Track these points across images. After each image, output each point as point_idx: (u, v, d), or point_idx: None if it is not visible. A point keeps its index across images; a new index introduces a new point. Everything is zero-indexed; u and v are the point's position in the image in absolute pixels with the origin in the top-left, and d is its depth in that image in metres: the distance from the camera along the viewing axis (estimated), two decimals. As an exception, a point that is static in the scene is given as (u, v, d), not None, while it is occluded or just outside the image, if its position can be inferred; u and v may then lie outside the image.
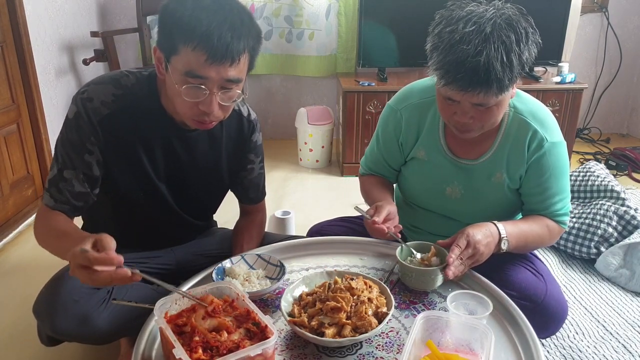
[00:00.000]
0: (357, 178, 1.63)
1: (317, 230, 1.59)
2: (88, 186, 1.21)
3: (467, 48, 1.08)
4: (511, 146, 1.30)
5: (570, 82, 3.09)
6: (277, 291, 1.21)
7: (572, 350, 1.59)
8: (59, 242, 1.12)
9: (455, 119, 1.21)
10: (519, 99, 1.33)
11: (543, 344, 1.58)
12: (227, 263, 1.26)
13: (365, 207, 1.39)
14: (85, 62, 2.92)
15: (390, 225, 1.26)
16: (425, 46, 1.18)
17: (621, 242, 2.00)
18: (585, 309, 1.81)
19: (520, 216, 1.45)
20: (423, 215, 1.46)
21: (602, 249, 2.05)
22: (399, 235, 1.27)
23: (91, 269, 0.89)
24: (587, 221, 2.10)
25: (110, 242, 0.93)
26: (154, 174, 1.28)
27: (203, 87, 1.08)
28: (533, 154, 1.29)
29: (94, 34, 2.91)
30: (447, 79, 1.12)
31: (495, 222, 1.25)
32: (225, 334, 0.95)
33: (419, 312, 1.12)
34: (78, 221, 1.28)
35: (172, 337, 0.89)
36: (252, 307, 1.00)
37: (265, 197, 1.56)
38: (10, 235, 2.32)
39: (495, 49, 1.07)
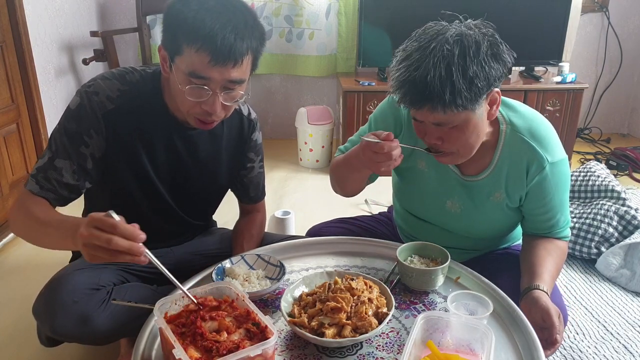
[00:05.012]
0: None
1: (316, 231, 1.58)
2: (78, 178, 1.19)
3: (409, 64, 1.07)
4: (510, 166, 1.26)
5: (570, 82, 3.09)
6: (277, 291, 1.21)
7: (573, 351, 1.59)
8: (43, 227, 1.09)
9: (426, 141, 1.19)
10: (516, 113, 1.27)
11: (543, 344, 1.57)
12: (227, 263, 1.25)
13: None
14: (85, 62, 2.92)
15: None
16: None
17: (622, 242, 1.99)
18: (586, 309, 1.81)
19: (520, 229, 1.43)
20: (422, 226, 1.44)
21: (603, 249, 2.05)
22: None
23: (109, 234, 0.87)
24: (587, 221, 2.10)
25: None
26: (154, 172, 1.29)
27: (206, 87, 1.10)
28: (534, 176, 1.24)
29: (93, 34, 2.91)
30: (397, 97, 1.12)
31: (541, 287, 1.17)
32: (225, 334, 0.95)
33: (419, 313, 1.12)
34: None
35: (171, 338, 0.89)
36: (252, 307, 1.00)
37: (265, 197, 1.56)
38: (10, 235, 2.32)
39: (434, 62, 1.04)
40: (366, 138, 1.16)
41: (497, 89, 1.13)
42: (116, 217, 0.90)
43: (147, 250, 0.91)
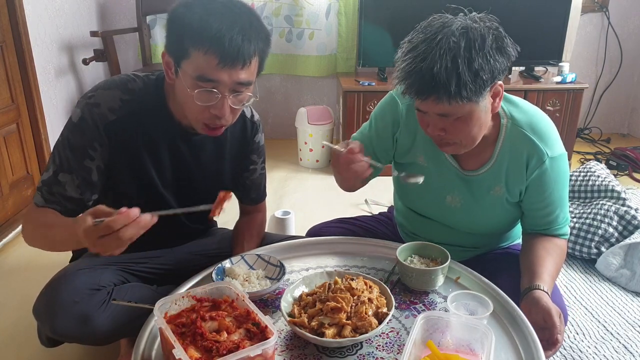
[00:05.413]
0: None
1: (315, 232, 1.58)
2: (82, 192, 1.19)
3: (415, 55, 1.09)
4: (510, 160, 1.27)
5: (570, 82, 3.09)
6: (277, 291, 1.21)
7: (573, 351, 1.59)
8: (50, 231, 1.13)
9: (429, 132, 1.20)
10: (517, 108, 1.28)
11: (543, 344, 1.57)
12: (227, 263, 1.26)
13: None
14: (85, 62, 2.92)
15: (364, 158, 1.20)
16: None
17: (622, 242, 1.99)
18: (586, 309, 1.81)
19: (519, 226, 1.44)
20: (422, 222, 1.44)
21: (603, 249, 2.05)
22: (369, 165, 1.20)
23: (114, 233, 0.92)
24: (587, 221, 2.10)
25: (106, 207, 0.97)
26: (158, 178, 1.28)
27: (215, 90, 1.09)
28: (533, 170, 1.25)
29: (93, 34, 2.91)
30: (403, 88, 1.13)
31: (541, 287, 1.17)
32: (225, 334, 0.95)
33: (419, 313, 1.12)
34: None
35: (171, 338, 0.89)
36: (252, 307, 1.00)
37: (266, 197, 1.56)
38: (10, 235, 2.32)
39: (440, 54, 1.06)
40: (334, 146, 1.21)
41: (500, 82, 1.15)
42: (99, 219, 0.94)
43: (146, 214, 0.96)
